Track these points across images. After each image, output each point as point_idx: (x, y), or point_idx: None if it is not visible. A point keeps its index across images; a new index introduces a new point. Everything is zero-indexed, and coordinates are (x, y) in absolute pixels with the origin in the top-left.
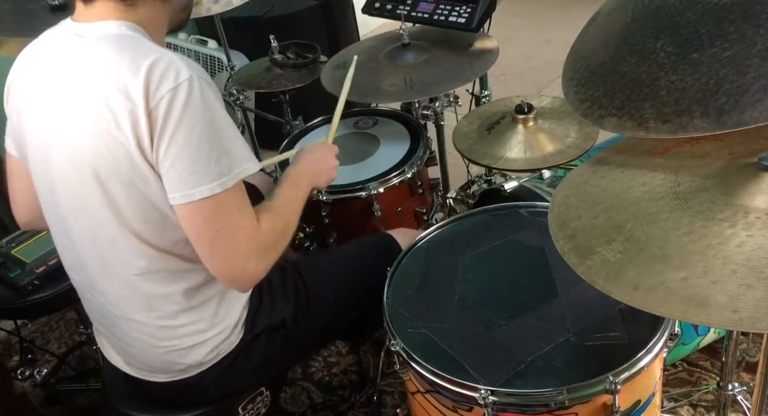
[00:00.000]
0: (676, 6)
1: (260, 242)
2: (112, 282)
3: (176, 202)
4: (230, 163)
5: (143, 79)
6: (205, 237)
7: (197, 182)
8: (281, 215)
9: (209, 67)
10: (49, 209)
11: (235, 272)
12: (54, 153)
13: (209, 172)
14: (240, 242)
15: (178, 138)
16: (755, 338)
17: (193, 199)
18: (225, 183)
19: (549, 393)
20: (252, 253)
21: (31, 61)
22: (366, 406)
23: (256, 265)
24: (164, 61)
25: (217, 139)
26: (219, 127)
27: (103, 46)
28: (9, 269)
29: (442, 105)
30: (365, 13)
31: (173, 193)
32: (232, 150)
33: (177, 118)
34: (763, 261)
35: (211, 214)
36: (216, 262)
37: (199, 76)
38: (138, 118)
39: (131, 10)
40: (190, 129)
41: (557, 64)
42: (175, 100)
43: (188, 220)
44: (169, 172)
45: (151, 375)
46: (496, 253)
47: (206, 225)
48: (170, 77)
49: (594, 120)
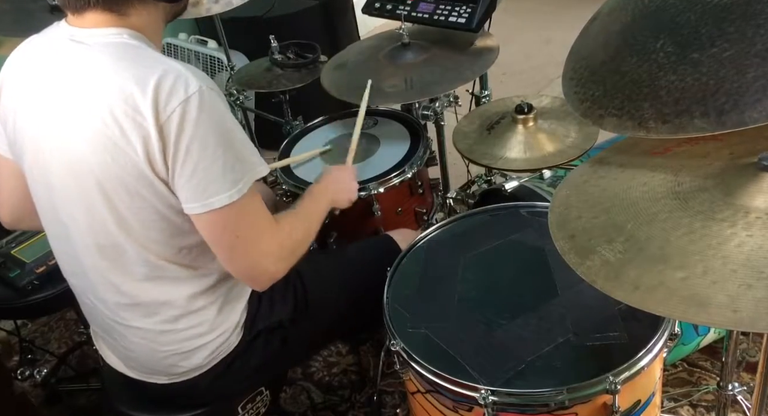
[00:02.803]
0: (676, 6)
1: (281, 241)
2: (112, 289)
3: (194, 212)
4: (243, 168)
5: (151, 94)
6: (227, 243)
7: (215, 191)
8: (302, 222)
9: (209, 67)
10: (47, 215)
11: (256, 270)
12: (52, 160)
13: (226, 179)
14: (262, 242)
15: (193, 151)
16: (755, 338)
17: (213, 208)
18: (242, 189)
19: (549, 393)
20: (273, 253)
21: (25, 64)
22: (366, 406)
23: (276, 264)
24: (172, 74)
25: (229, 146)
26: (230, 133)
27: (105, 55)
28: (9, 269)
29: (442, 105)
30: (365, 13)
31: (190, 204)
32: (244, 155)
33: (190, 131)
34: (763, 261)
35: (232, 220)
36: (237, 264)
37: (207, 85)
38: (148, 132)
39: (123, 18)
40: (204, 140)
41: (557, 64)
42: (187, 113)
43: (208, 228)
44: (186, 184)
45: (151, 377)
46: (496, 253)
47: (227, 231)
48: (180, 90)
49: (594, 120)
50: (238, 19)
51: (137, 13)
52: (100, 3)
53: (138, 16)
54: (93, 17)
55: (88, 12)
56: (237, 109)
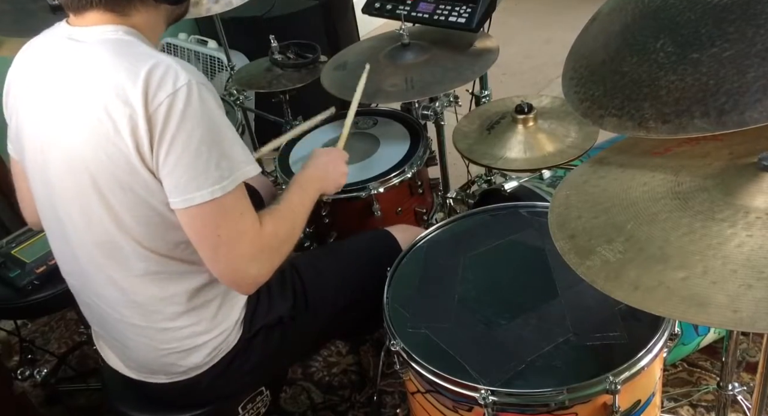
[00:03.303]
0: (676, 6)
1: (263, 245)
2: (111, 287)
3: (177, 207)
4: (230, 167)
5: (141, 84)
6: (208, 241)
7: (198, 186)
8: (286, 219)
9: (209, 67)
10: (46, 214)
11: (238, 275)
12: (51, 158)
13: (209, 176)
14: (243, 245)
15: (178, 143)
16: (755, 338)
17: (194, 203)
18: (226, 187)
19: (549, 393)
20: (255, 256)
21: (27, 64)
22: (366, 406)
23: (259, 269)
24: (162, 66)
25: (216, 142)
26: (218, 130)
27: (101, 51)
28: (9, 269)
29: (442, 105)
30: (365, 13)
31: (174, 198)
32: (231, 153)
33: (176, 123)
34: (763, 261)
35: (213, 218)
36: (219, 266)
37: (198, 80)
38: (137, 123)
39: (125, 18)
40: (189, 134)
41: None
42: (174, 105)
43: (190, 225)
44: (169, 176)
45: (151, 377)
46: (496, 253)
47: (208, 229)
48: (169, 82)
49: (594, 120)
50: (238, 19)
51: (138, 13)
52: (102, 3)
53: (139, 17)
54: (93, 17)
55: (90, 12)
56: (237, 109)
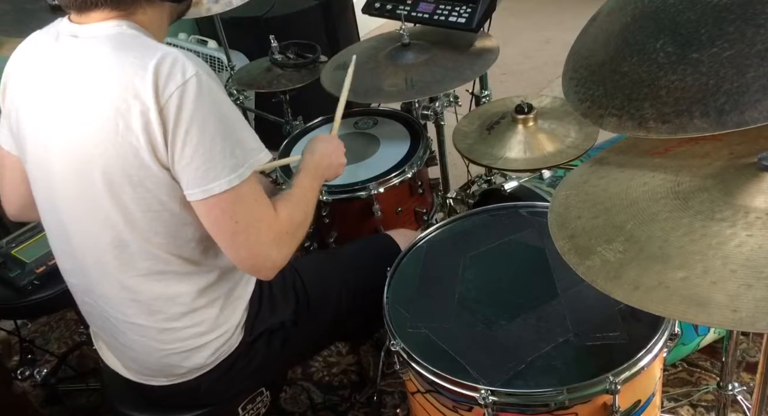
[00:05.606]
0: (676, 6)
1: (281, 230)
2: (114, 286)
3: (195, 198)
4: (244, 154)
5: (151, 77)
6: (227, 230)
7: (215, 176)
8: (300, 203)
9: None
10: (46, 214)
11: (258, 260)
12: (54, 157)
13: (225, 164)
14: (261, 231)
15: (192, 134)
16: (755, 338)
17: (213, 193)
18: (242, 174)
19: (549, 393)
20: (273, 241)
21: (27, 60)
22: (366, 406)
23: (279, 252)
24: (170, 58)
25: (229, 131)
26: (229, 119)
27: (103, 46)
28: (9, 269)
29: (442, 105)
30: (365, 13)
31: (191, 190)
32: (244, 141)
33: (189, 114)
34: (763, 261)
35: (231, 206)
36: (239, 253)
37: (204, 71)
38: (149, 117)
39: (128, 16)
40: (202, 124)
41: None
42: (185, 96)
43: (207, 214)
44: (186, 168)
45: (151, 380)
46: (496, 253)
47: (226, 217)
48: (177, 74)
49: (594, 120)
50: (238, 19)
51: (143, 11)
52: (108, 3)
53: (143, 14)
54: (97, 15)
55: (94, 11)
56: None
